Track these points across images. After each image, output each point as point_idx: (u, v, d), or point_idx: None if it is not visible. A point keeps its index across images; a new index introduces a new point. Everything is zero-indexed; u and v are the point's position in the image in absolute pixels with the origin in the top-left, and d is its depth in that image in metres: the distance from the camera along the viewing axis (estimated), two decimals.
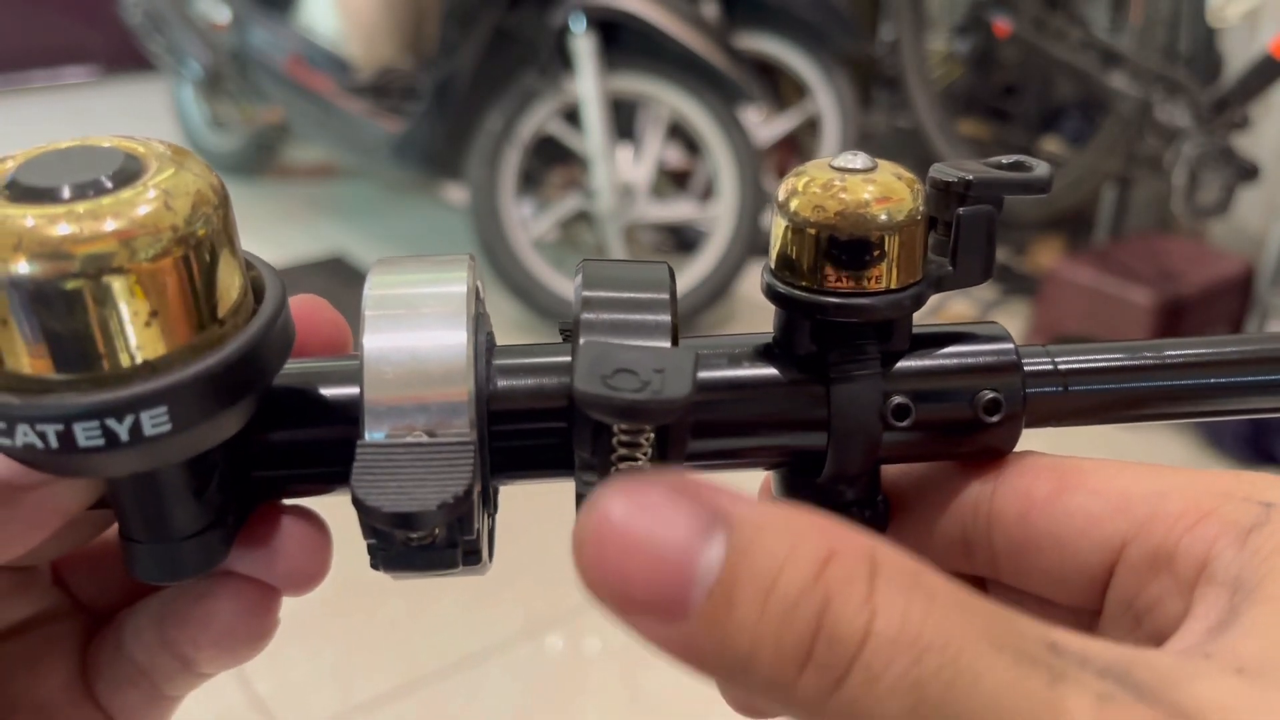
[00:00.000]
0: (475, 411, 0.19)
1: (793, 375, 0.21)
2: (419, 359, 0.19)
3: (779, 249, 0.21)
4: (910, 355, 0.21)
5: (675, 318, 0.20)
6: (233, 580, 0.21)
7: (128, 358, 0.16)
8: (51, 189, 0.16)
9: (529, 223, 1.91)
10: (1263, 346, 0.22)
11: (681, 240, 2.20)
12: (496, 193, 1.84)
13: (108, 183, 0.16)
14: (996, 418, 0.21)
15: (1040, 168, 0.21)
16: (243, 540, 0.21)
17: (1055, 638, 0.15)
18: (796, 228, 0.20)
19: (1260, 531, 0.17)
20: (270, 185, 2.70)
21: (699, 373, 0.18)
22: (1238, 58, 1.72)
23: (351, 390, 0.20)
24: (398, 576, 0.20)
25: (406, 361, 0.19)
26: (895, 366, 0.21)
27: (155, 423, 0.16)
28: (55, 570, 0.23)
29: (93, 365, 0.16)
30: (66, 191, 0.16)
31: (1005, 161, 0.21)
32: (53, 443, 0.16)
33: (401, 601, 1.24)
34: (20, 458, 0.17)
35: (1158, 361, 0.22)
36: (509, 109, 1.82)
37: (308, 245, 2.29)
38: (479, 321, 0.20)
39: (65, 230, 0.15)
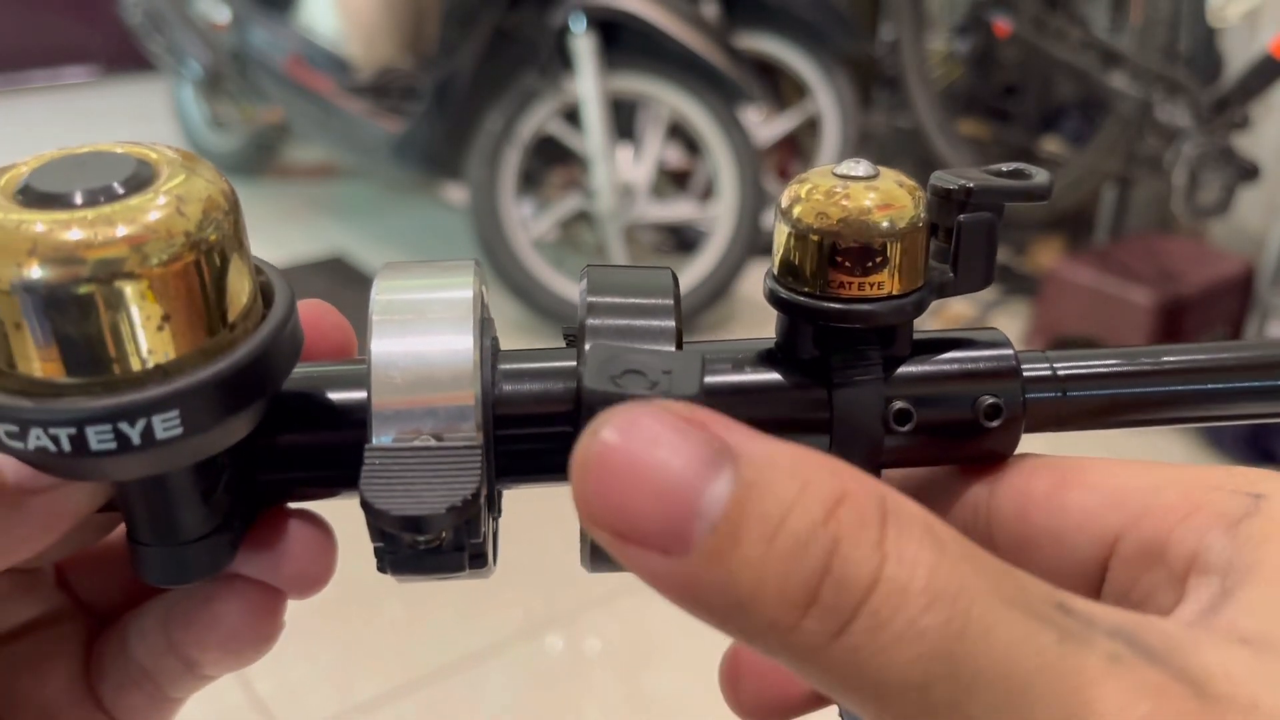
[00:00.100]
0: (481, 415, 0.19)
1: (795, 380, 0.21)
2: (426, 364, 0.19)
3: (782, 255, 0.21)
4: (912, 361, 0.21)
5: (680, 323, 0.20)
6: (239, 583, 0.21)
7: (139, 362, 0.16)
8: (64, 195, 0.16)
9: (529, 223, 1.91)
10: (1259, 353, 0.22)
11: (681, 240, 2.20)
12: (496, 193, 1.84)
13: (120, 189, 0.16)
14: (996, 422, 0.21)
15: (1040, 175, 0.21)
16: (249, 543, 0.21)
17: (1062, 598, 0.15)
18: (800, 234, 0.20)
19: (1250, 521, 0.17)
20: (270, 185, 2.70)
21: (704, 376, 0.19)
22: (1238, 58, 1.72)
23: (358, 394, 0.20)
24: (404, 580, 0.20)
25: (413, 366, 0.19)
26: (897, 372, 0.21)
27: (167, 426, 0.16)
28: (59, 572, 0.23)
29: (105, 369, 0.16)
30: (79, 197, 0.16)
31: (1005, 169, 0.21)
32: (65, 446, 0.16)
33: (401, 602, 1.24)
34: (32, 461, 0.17)
35: (1155, 367, 0.22)
36: (509, 109, 1.83)
37: (307, 245, 2.29)
38: (484, 326, 0.21)
39: (78, 235, 0.16)
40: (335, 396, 0.21)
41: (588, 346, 0.19)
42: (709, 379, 0.21)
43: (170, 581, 0.20)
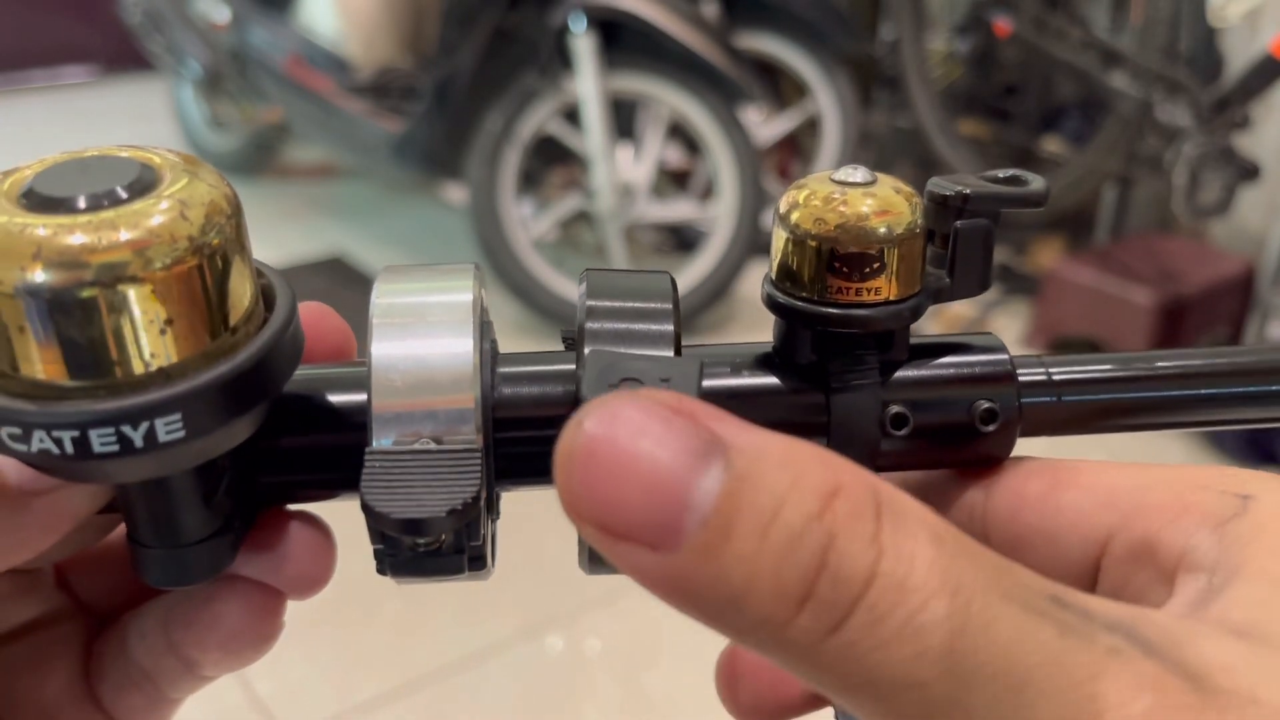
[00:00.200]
0: (481, 418, 0.19)
1: (793, 384, 0.21)
2: (426, 367, 0.19)
3: (780, 260, 0.21)
4: (908, 365, 0.21)
5: (679, 327, 0.20)
6: (239, 584, 0.21)
7: (142, 365, 0.16)
8: (68, 199, 0.16)
9: (529, 223, 1.91)
10: (1255, 358, 0.22)
11: (681, 240, 2.20)
12: (496, 193, 1.85)
13: (123, 193, 0.16)
14: (992, 427, 0.21)
15: (1036, 182, 0.21)
16: (249, 544, 0.21)
17: (1057, 591, 0.15)
18: (797, 240, 0.20)
19: (1238, 521, 0.17)
20: (270, 185, 2.70)
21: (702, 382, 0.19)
22: (1238, 57, 1.72)
23: (358, 397, 0.20)
24: (404, 582, 0.20)
25: (413, 369, 0.19)
26: (894, 376, 0.21)
27: (169, 429, 0.17)
28: (58, 572, 0.23)
29: (108, 372, 0.16)
30: (82, 201, 0.16)
31: (1002, 175, 0.22)
32: (68, 449, 0.16)
33: (401, 602, 1.24)
34: (35, 463, 0.17)
35: (1149, 372, 0.22)
36: (509, 109, 1.83)
37: (307, 245, 2.29)
38: (484, 330, 0.21)
39: (81, 240, 0.16)
40: (335, 399, 0.21)
41: (586, 352, 0.19)
42: (706, 384, 0.21)
43: (171, 583, 0.20)
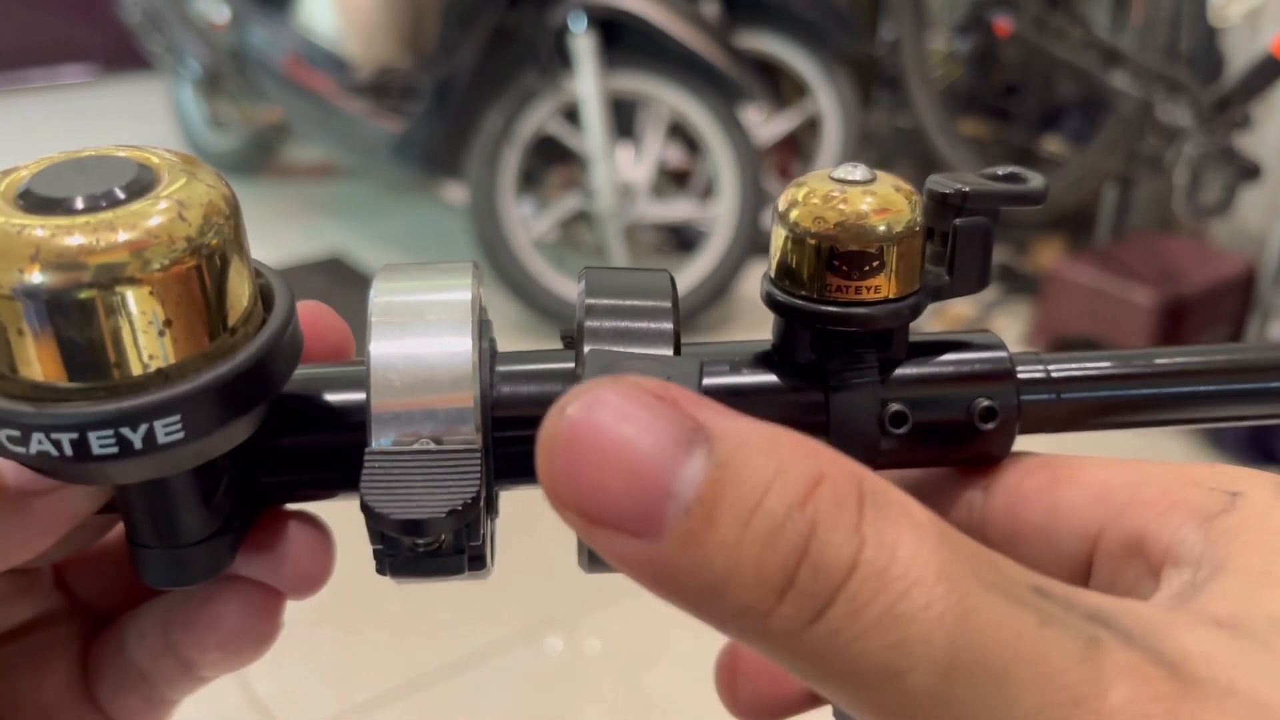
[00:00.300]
0: (480, 417, 0.19)
1: (792, 383, 0.21)
2: (425, 366, 0.19)
3: (779, 258, 0.21)
4: (908, 363, 0.21)
5: (678, 325, 0.20)
6: (238, 584, 0.21)
7: (141, 366, 0.16)
8: (65, 199, 0.16)
9: (529, 222, 1.91)
10: (1253, 355, 0.22)
11: (682, 240, 2.20)
12: (496, 192, 1.84)
13: (121, 193, 0.16)
14: (991, 425, 0.21)
15: (1035, 180, 0.21)
16: (248, 545, 0.21)
17: (1038, 581, 0.15)
18: (796, 238, 0.20)
19: (1225, 517, 0.17)
20: (269, 185, 2.70)
21: (703, 381, 0.19)
22: (1239, 57, 1.72)
23: (357, 396, 0.20)
24: (403, 582, 0.20)
25: (412, 368, 0.19)
26: (893, 374, 0.21)
27: (169, 431, 0.16)
28: (57, 572, 0.23)
29: (106, 374, 0.16)
30: (80, 202, 0.16)
31: (1001, 173, 0.21)
32: (67, 451, 0.16)
33: (400, 602, 1.24)
34: (34, 465, 0.17)
35: (1149, 370, 0.22)
36: (509, 108, 1.83)
37: (306, 245, 2.29)
38: (482, 329, 0.21)
39: (79, 241, 0.16)
40: (334, 399, 0.21)
41: (586, 351, 0.19)
42: (706, 382, 0.21)
43: (170, 584, 0.20)
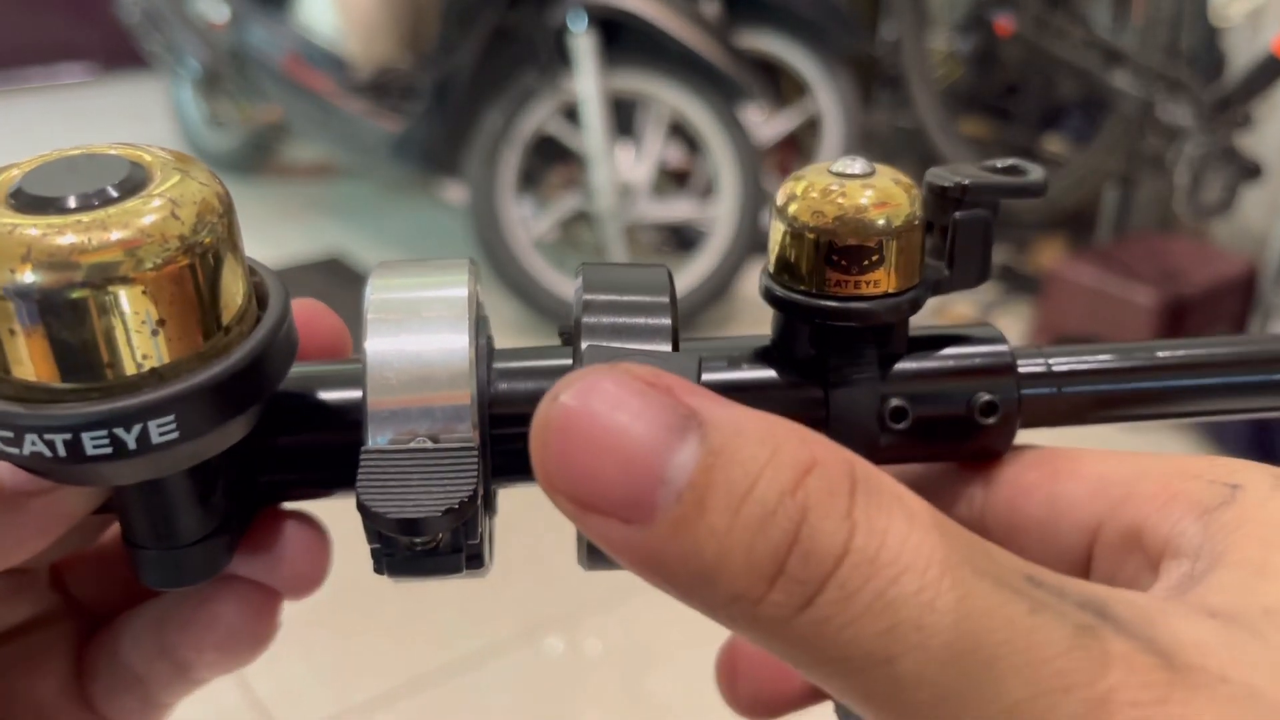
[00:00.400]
0: (477, 415, 0.19)
1: (791, 378, 0.21)
2: (421, 363, 0.19)
3: (778, 253, 0.21)
4: (907, 358, 0.21)
5: (675, 321, 0.20)
6: (235, 584, 0.21)
7: (134, 366, 0.16)
8: (57, 199, 0.16)
9: (529, 222, 1.91)
10: (1255, 347, 0.22)
11: (682, 240, 2.20)
12: (496, 192, 1.84)
13: (113, 192, 0.16)
14: (992, 419, 0.21)
15: (1035, 172, 0.21)
16: (245, 545, 0.21)
17: (1031, 570, 0.15)
18: (795, 232, 0.20)
19: (1224, 509, 0.17)
20: (268, 184, 2.69)
21: (701, 377, 0.18)
22: (1240, 56, 1.72)
23: (353, 394, 0.20)
24: (401, 581, 0.20)
25: (409, 366, 0.19)
26: (893, 369, 0.21)
27: (163, 431, 0.16)
28: (54, 572, 0.23)
29: (100, 374, 0.16)
30: (72, 201, 0.16)
31: (1000, 165, 0.21)
32: (60, 452, 0.16)
33: (400, 602, 1.24)
34: (27, 466, 0.17)
35: (1150, 363, 0.22)
36: (508, 108, 1.82)
37: (306, 244, 2.29)
38: (479, 325, 0.20)
39: (71, 240, 0.15)
40: (331, 397, 0.20)
41: (584, 348, 0.19)
42: (705, 378, 0.21)
43: (168, 584, 0.20)
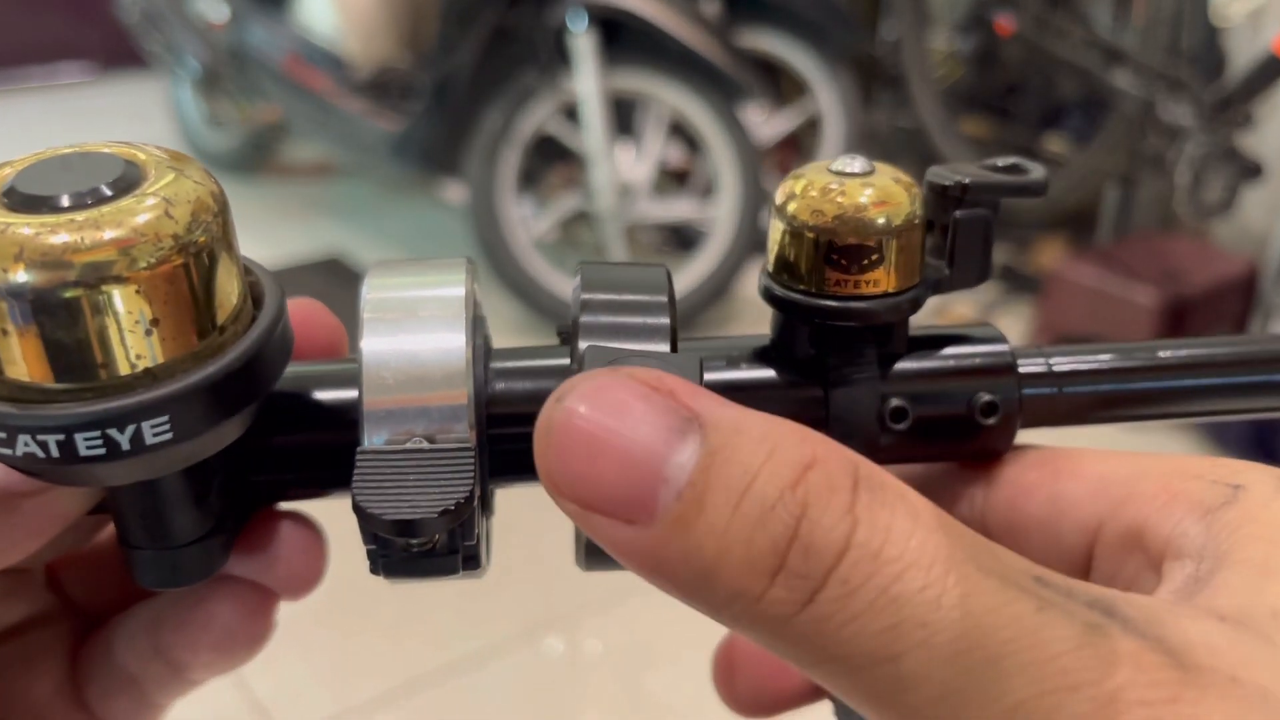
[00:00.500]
0: (474, 415, 0.19)
1: (791, 378, 0.21)
2: (418, 362, 0.19)
3: (777, 252, 0.21)
4: (908, 358, 0.21)
5: (674, 320, 0.20)
6: (231, 584, 0.21)
7: (128, 366, 0.16)
8: (51, 197, 0.16)
9: (529, 222, 1.91)
10: (1256, 347, 0.22)
11: (682, 240, 2.20)
12: (495, 192, 1.84)
13: (107, 190, 0.16)
14: (992, 420, 0.21)
15: (1036, 171, 0.21)
16: (241, 545, 0.21)
17: (1038, 571, 0.15)
18: (794, 231, 0.20)
19: (1227, 510, 0.17)
20: (268, 184, 2.69)
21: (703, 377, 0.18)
22: (1241, 56, 1.72)
23: (349, 394, 0.20)
24: (397, 582, 0.20)
25: (405, 365, 0.19)
26: (893, 369, 0.21)
27: (157, 432, 0.16)
28: (49, 572, 0.23)
29: (93, 374, 0.16)
30: (66, 200, 0.16)
31: (1001, 164, 0.21)
32: (53, 452, 0.16)
33: (399, 603, 1.24)
34: (20, 467, 0.17)
35: (1151, 363, 0.22)
36: (508, 107, 1.82)
37: (305, 244, 2.29)
38: (477, 325, 0.20)
39: (64, 239, 0.15)
40: (327, 396, 0.20)
41: (583, 348, 0.19)
42: (704, 378, 0.21)
43: (163, 585, 0.20)
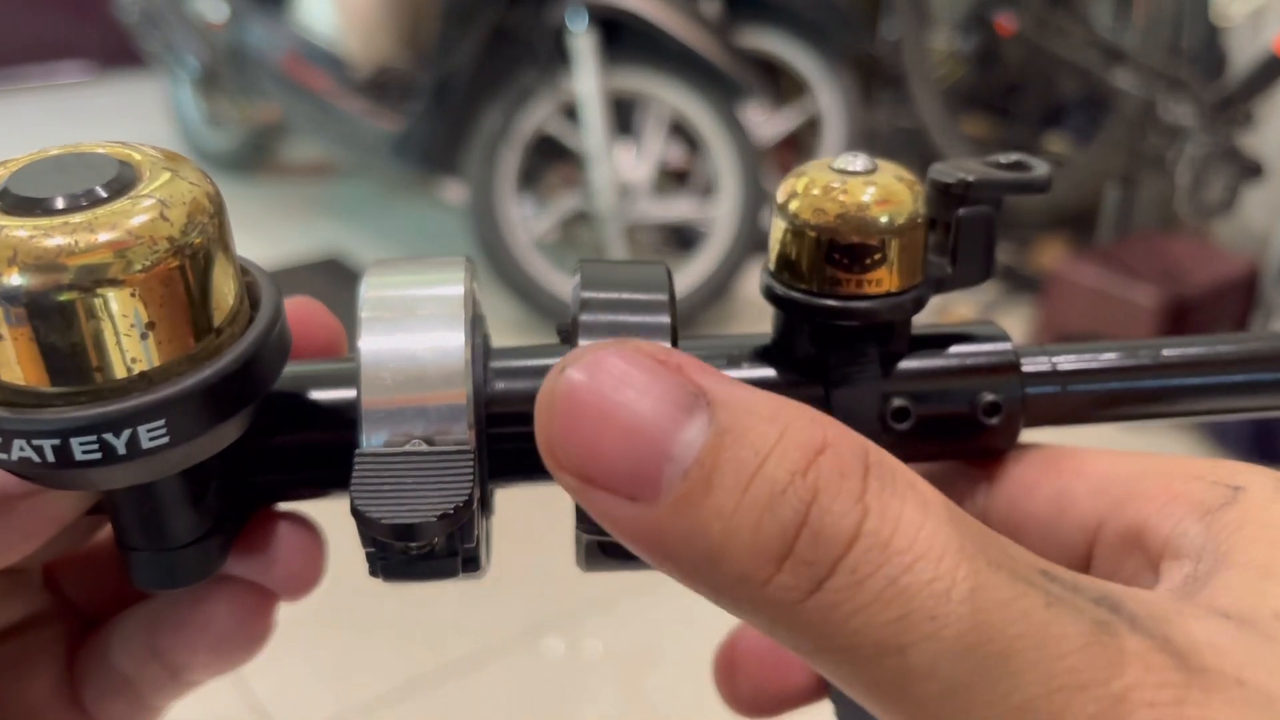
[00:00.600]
0: (474, 415, 0.19)
1: (792, 378, 0.21)
2: (416, 362, 0.19)
3: (778, 251, 0.21)
4: (910, 357, 0.21)
5: (674, 319, 0.19)
6: (229, 584, 0.21)
7: (124, 370, 0.16)
8: (45, 199, 0.16)
9: (529, 222, 1.91)
10: (1260, 345, 0.22)
11: (682, 239, 2.20)
12: (495, 192, 1.84)
13: (102, 192, 0.16)
14: (995, 420, 0.21)
15: (1040, 167, 0.21)
16: (239, 546, 0.21)
17: (1045, 566, 0.14)
18: (796, 230, 0.20)
19: (1226, 510, 0.17)
20: (267, 183, 2.69)
21: None
22: (1242, 56, 1.72)
23: (348, 393, 0.20)
24: (396, 584, 0.20)
25: (404, 365, 0.19)
26: (895, 369, 0.21)
27: (153, 436, 0.16)
28: (46, 573, 0.23)
29: (89, 378, 0.16)
30: (60, 202, 0.16)
31: (1004, 161, 0.21)
32: (49, 457, 0.16)
33: (399, 603, 1.24)
34: (16, 471, 0.17)
35: (1155, 361, 0.22)
36: (508, 107, 1.82)
37: (305, 244, 2.29)
38: (476, 324, 0.20)
39: (59, 242, 0.15)
40: (325, 396, 0.20)
41: (581, 345, 0.19)
42: None
43: (160, 586, 0.20)
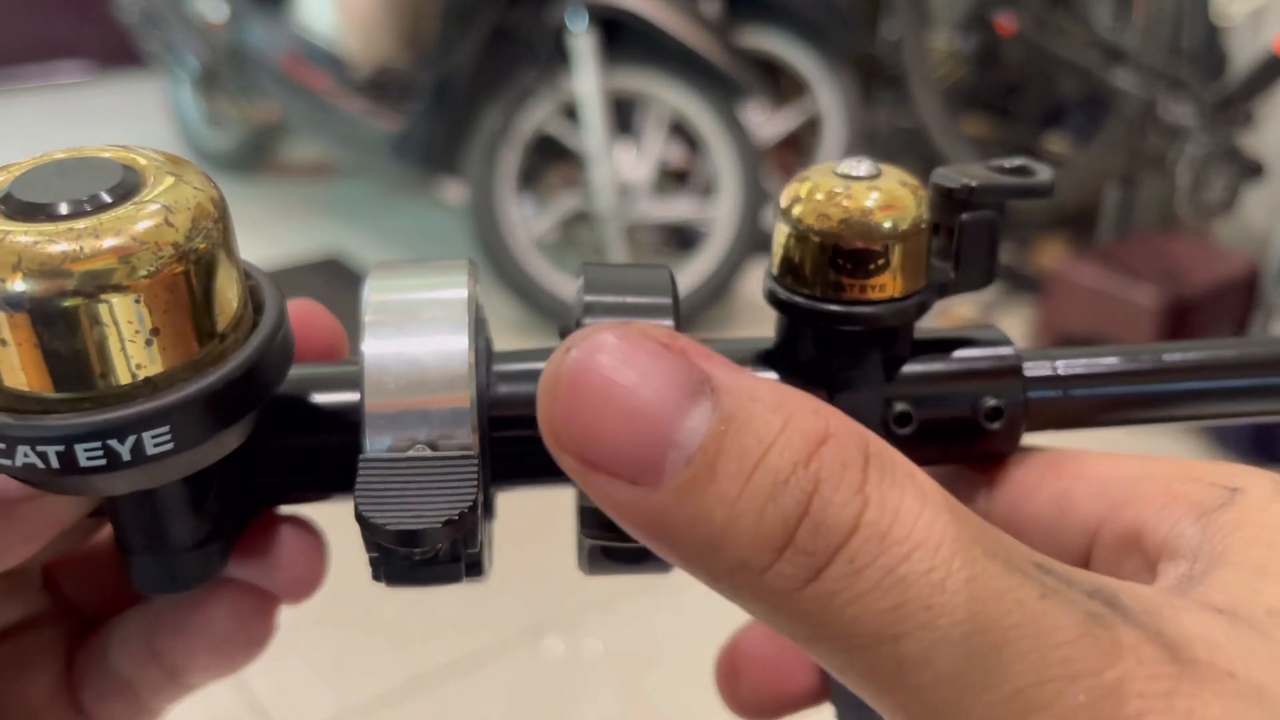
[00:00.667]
0: (477, 418, 0.19)
1: (794, 381, 0.21)
2: (420, 366, 0.19)
3: (782, 255, 0.21)
4: (912, 361, 0.21)
5: (678, 323, 0.19)
6: (230, 587, 0.21)
7: (128, 376, 0.16)
8: (49, 204, 0.16)
9: (529, 222, 1.91)
10: (1261, 350, 0.22)
11: (682, 239, 2.20)
12: (495, 192, 1.84)
13: (106, 197, 0.16)
14: (998, 424, 0.21)
15: (1042, 172, 0.21)
16: (241, 548, 0.21)
17: (1040, 559, 0.15)
18: (800, 235, 0.20)
19: (1223, 512, 0.17)
20: (267, 183, 2.69)
21: None
22: (1242, 55, 1.72)
23: (350, 397, 0.20)
24: (399, 588, 0.20)
25: (407, 369, 0.19)
26: (898, 373, 0.21)
27: (157, 442, 0.16)
28: (46, 573, 0.23)
29: (93, 384, 0.16)
30: (64, 207, 0.16)
31: (1007, 166, 0.21)
32: (53, 463, 0.16)
33: (400, 604, 1.24)
34: (20, 477, 0.17)
35: (1157, 366, 0.22)
36: (508, 107, 1.82)
37: (305, 244, 2.29)
38: (479, 327, 0.20)
39: (63, 248, 0.15)
40: (327, 399, 0.20)
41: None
42: None
43: (161, 590, 0.20)
